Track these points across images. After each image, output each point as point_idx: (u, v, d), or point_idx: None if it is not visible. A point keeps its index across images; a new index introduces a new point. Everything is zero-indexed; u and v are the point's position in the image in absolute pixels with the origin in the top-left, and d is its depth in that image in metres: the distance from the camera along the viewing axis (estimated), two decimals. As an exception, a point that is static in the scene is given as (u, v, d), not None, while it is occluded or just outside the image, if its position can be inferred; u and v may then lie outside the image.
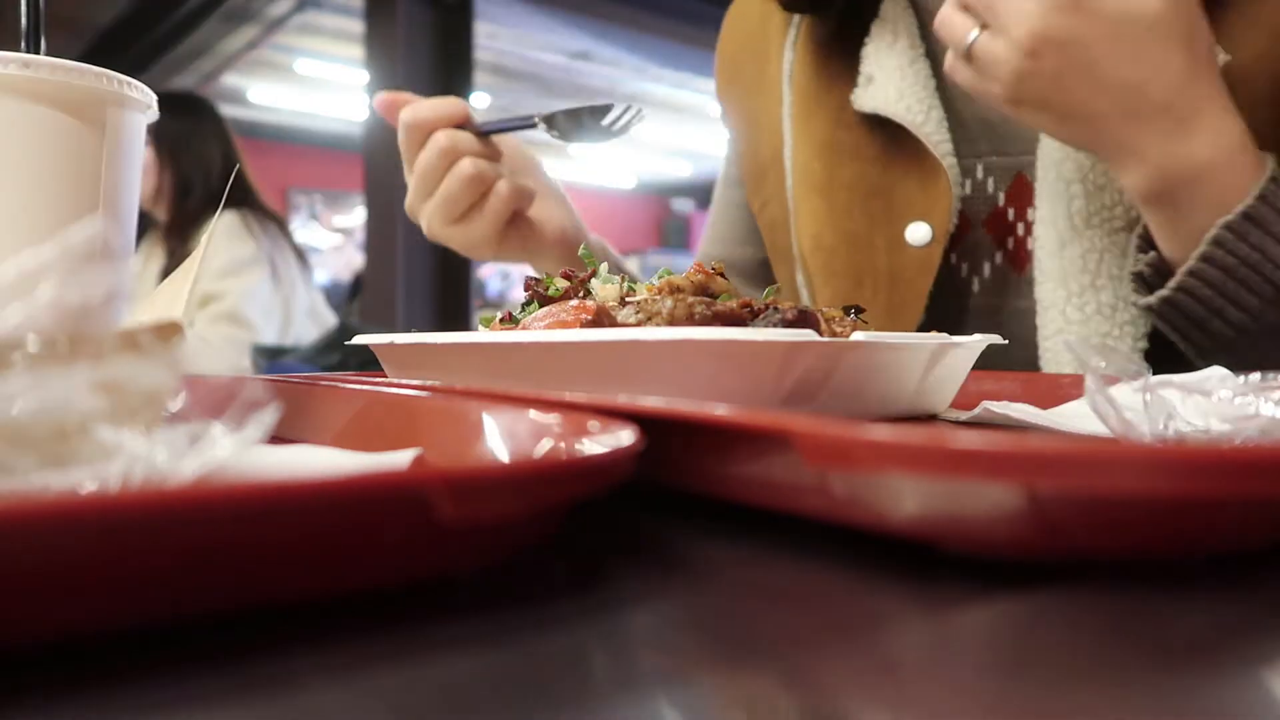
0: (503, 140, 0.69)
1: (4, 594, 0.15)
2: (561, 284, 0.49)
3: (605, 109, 0.64)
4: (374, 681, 0.16)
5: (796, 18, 0.77)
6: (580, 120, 0.63)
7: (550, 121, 0.64)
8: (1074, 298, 0.62)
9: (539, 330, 0.44)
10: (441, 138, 0.65)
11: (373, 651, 0.17)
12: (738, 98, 0.84)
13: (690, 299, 0.42)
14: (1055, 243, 0.63)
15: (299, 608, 0.19)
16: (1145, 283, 0.58)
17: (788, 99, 0.76)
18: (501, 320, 0.49)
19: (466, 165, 0.65)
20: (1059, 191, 0.63)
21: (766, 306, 0.43)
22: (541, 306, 0.47)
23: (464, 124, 0.67)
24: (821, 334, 0.40)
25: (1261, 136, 0.54)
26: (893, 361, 0.43)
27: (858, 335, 0.41)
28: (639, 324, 0.42)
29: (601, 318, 0.43)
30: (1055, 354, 0.63)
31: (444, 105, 0.67)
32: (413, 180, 0.68)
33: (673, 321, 0.41)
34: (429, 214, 0.68)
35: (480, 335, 0.46)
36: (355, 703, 0.15)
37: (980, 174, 0.70)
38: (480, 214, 0.67)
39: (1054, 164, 0.64)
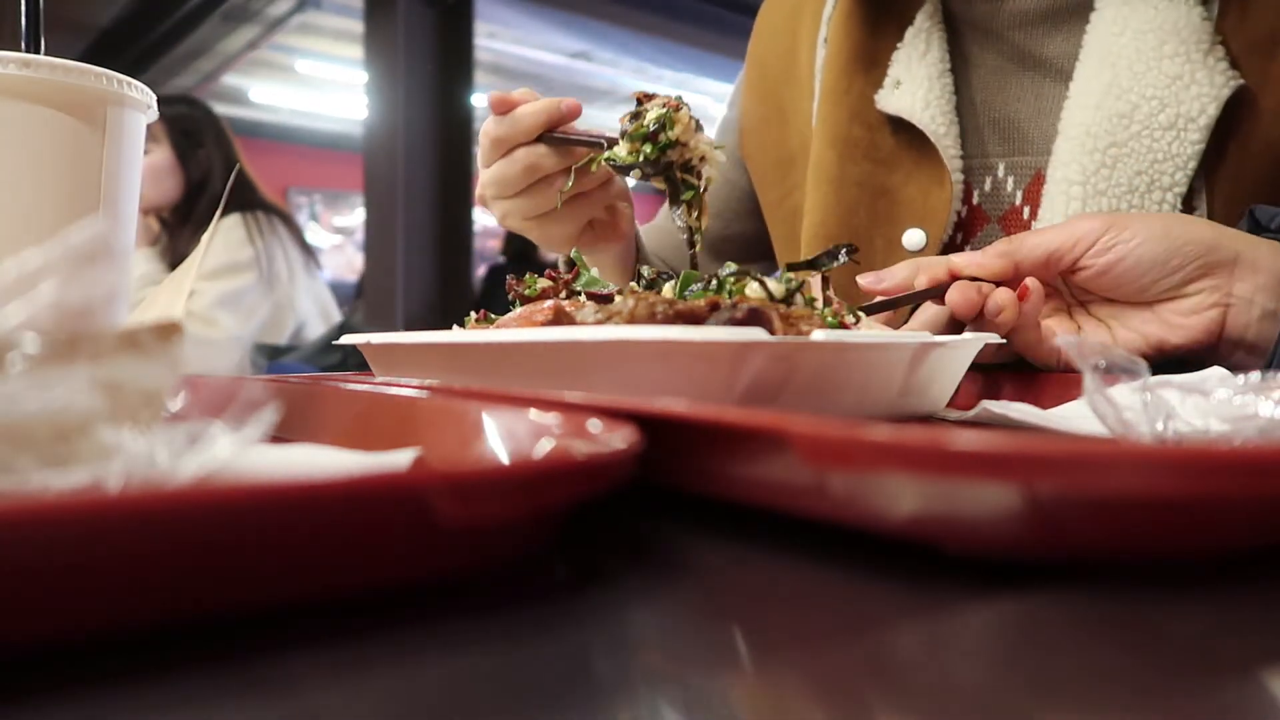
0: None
1: (4, 594, 0.15)
2: (543, 284, 0.50)
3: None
4: (373, 682, 0.16)
5: (828, 12, 0.79)
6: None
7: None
8: None
9: (504, 330, 0.44)
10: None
11: (372, 653, 0.17)
12: (768, 89, 0.86)
13: (652, 298, 0.41)
14: None
15: (299, 609, 0.19)
16: None
17: (818, 93, 0.79)
18: (477, 320, 0.50)
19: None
20: (1062, 191, 0.67)
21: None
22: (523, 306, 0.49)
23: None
24: (774, 333, 0.38)
25: None
26: (863, 362, 0.42)
27: (818, 335, 0.39)
28: (598, 323, 0.42)
29: (560, 318, 0.43)
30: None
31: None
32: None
33: (633, 320, 0.40)
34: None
35: (443, 335, 0.47)
36: (354, 704, 0.15)
37: (1001, 172, 0.73)
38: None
39: (1062, 164, 0.67)
